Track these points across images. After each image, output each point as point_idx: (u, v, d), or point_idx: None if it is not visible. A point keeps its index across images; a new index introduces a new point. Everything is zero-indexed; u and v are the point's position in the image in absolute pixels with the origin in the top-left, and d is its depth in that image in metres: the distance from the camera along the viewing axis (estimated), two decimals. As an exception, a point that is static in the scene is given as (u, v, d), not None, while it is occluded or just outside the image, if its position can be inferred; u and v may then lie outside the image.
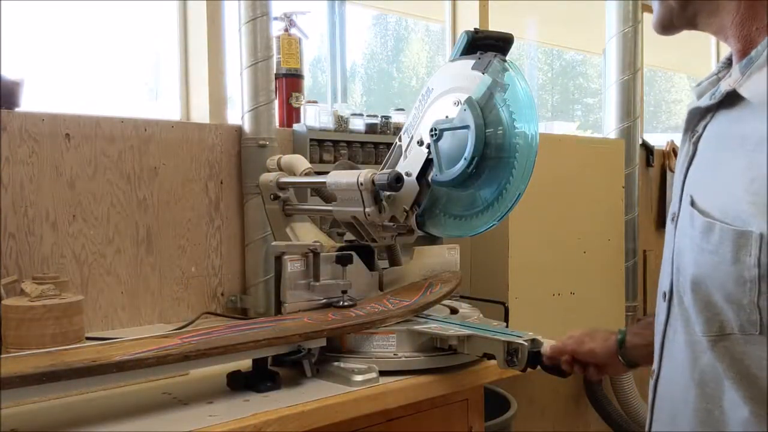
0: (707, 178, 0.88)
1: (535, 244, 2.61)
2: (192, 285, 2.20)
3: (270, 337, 1.42)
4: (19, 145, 1.86)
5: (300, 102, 2.47)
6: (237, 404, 1.36)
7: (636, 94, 3.52)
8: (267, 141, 2.25)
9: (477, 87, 1.59)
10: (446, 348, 1.56)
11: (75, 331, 1.60)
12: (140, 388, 1.41)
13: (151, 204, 2.11)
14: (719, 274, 0.82)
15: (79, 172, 1.97)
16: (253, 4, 2.21)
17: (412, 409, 1.55)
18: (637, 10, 3.42)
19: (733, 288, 0.81)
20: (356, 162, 2.37)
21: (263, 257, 2.25)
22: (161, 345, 1.35)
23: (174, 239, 2.16)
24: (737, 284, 0.80)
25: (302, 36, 2.51)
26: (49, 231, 1.92)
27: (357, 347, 1.56)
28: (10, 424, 1.22)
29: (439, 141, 1.64)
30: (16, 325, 1.55)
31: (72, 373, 1.20)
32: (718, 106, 0.88)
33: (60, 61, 2.26)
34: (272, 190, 1.90)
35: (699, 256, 0.84)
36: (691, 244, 0.86)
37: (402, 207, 1.70)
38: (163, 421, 1.27)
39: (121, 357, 1.26)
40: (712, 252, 0.82)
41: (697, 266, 0.85)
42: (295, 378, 1.50)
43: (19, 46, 2.09)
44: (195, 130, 2.22)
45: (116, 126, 2.05)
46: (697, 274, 0.85)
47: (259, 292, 2.26)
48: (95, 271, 2.00)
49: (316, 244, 1.65)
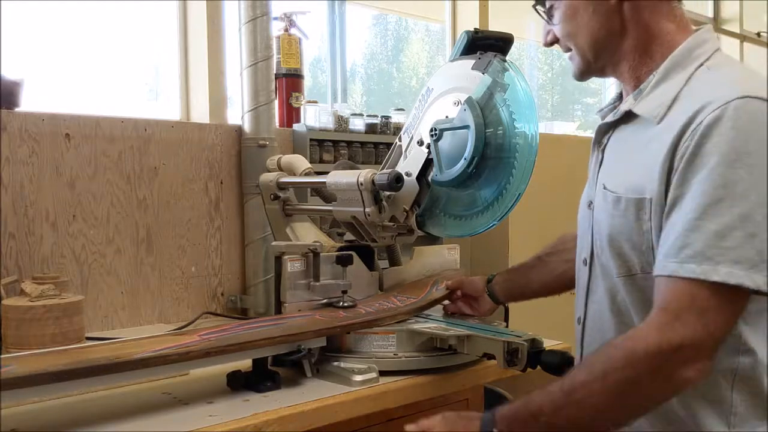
0: (613, 171, 1.22)
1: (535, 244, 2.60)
2: (192, 285, 2.20)
3: (286, 334, 1.43)
4: (19, 145, 1.86)
5: (300, 102, 2.47)
6: (237, 404, 1.36)
7: (636, 94, 3.51)
8: (267, 141, 2.25)
9: (477, 87, 1.59)
10: (446, 348, 1.55)
11: (75, 331, 1.60)
12: (140, 388, 1.41)
13: (151, 204, 2.11)
14: (627, 230, 1.14)
15: (79, 172, 1.97)
16: (253, 4, 2.21)
17: (412, 409, 1.55)
18: (637, 10, 3.41)
19: (636, 238, 1.13)
20: (356, 162, 2.37)
21: (263, 257, 2.25)
22: (181, 342, 1.36)
23: (174, 239, 2.16)
24: (638, 235, 1.12)
25: (302, 36, 2.51)
26: (49, 231, 1.92)
27: (357, 347, 1.56)
28: (10, 424, 1.22)
29: (439, 141, 1.64)
30: (16, 325, 1.55)
31: (97, 369, 1.21)
32: (618, 123, 1.23)
33: (60, 61, 2.26)
34: (272, 190, 1.89)
35: (612, 221, 1.17)
36: (606, 214, 1.19)
37: (402, 207, 1.70)
38: (163, 421, 1.27)
39: (144, 354, 1.27)
40: (621, 216, 1.15)
41: (611, 227, 1.17)
42: (295, 378, 1.50)
43: (19, 46, 2.09)
44: (195, 130, 2.22)
45: (116, 126, 2.04)
46: (611, 232, 1.17)
47: (259, 292, 2.26)
48: (95, 271, 2.00)
49: (316, 244, 1.65)
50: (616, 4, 1.17)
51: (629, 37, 1.18)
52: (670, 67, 1.14)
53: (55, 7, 2.21)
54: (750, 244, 0.97)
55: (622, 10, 1.17)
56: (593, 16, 1.19)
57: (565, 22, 1.22)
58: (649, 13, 1.17)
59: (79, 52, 2.30)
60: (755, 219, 0.98)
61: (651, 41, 1.17)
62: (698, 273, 0.98)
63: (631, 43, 1.18)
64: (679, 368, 0.99)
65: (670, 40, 1.16)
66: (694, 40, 1.15)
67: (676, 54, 1.14)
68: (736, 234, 0.98)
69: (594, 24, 1.19)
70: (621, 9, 1.17)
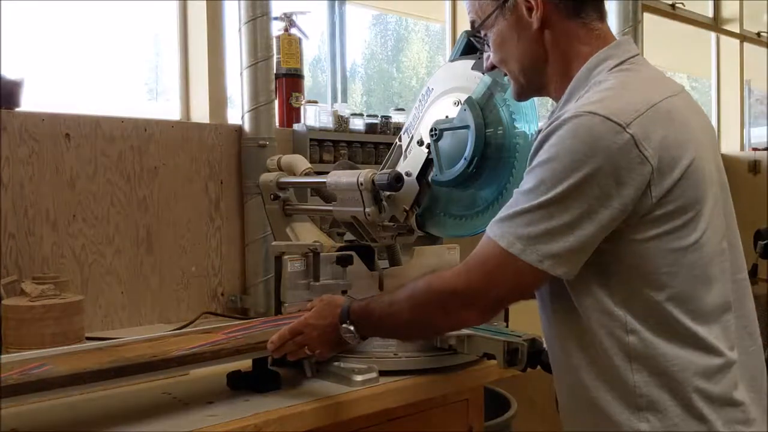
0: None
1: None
2: (192, 285, 2.20)
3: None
4: (19, 145, 1.86)
5: (300, 102, 2.47)
6: (237, 404, 1.36)
7: (636, 94, 3.51)
8: (267, 141, 2.25)
9: (477, 87, 1.59)
10: (446, 348, 1.55)
11: (75, 331, 1.60)
12: (140, 388, 1.41)
13: (151, 204, 2.11)
14: None
15: (79, 172, 1.97)
16: (253, 4, 2.21)
17: (412, 409, 1.55)
18: (637, 10, 3.42)
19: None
20: (356, 162, 2.37)
21: (263, 257, 2.25)
22: (209, 340, 1.38)
23: (174, 239, 2.16)
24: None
25: (302, 36, 2.51)
26: (49, 231, 1.92)
27: (357, 347, 1.56)
28: (10, 424, 1.22)
29: (439, 141, 1.64)
30: (16, 325, 1.55)
31: (137, 368, 1.24)
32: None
33: (60, 61, 2.26)
34: (272, 190, 1.89)
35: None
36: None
37: (402, 207, 1.70)
38: (163, 421, 1.27)
39: (180, 352, 1.30)
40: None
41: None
42: (295, 378, 1.50)
43: (19, 46, 2.09)
44: (195, 130, 2.22)
45: (116, 126, 2.04)
46: None
47: (259, 292, 2.26)
48: (95, 271, 2.00)
49: (316, 244, 1.65)
50: (537, 33, 1.23)
51: (551, 62, 1.24)
52: (572, 89, 1.21)
53: (54, 7, 2.21)
54: (535, 225, 1.09)
55: (543, 38, 1.23)
56: (519, 44, 1.25)
57: (496, 50, 1.29)
58: (566, 39, 1.22)
59: (79, 52, 2.30)
60: (551, 211, 1.08)
61: (568, 65, 1.23)
62: (493, 235, 1.13)
63: (554, 67, 1.25)
64: (458, 309, 1.18)
65: (584, 61, 1.22)
66: (595, 59, 1.20)
67: (578, 75, 1.21)
68: (533, 216, 1.09)
69: (520, 51, 1.26)
70: (542, 37, 1.23)
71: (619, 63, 1.20)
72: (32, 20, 2.16)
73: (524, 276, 1.11)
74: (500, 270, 1.13)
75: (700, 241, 1.11)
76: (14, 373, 1.15)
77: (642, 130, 1.07)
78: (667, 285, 1.10)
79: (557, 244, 1.08)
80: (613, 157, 1.06)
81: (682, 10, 4.12)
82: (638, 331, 1.11)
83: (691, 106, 1.23)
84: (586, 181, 1.06)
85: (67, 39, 2.28)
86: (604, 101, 1.10)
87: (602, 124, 1.06)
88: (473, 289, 1.16)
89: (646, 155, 1.06)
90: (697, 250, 1.11)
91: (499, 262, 1.12)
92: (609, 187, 1.06)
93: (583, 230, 1.08)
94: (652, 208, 1.08)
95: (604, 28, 1.24)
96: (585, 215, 1.07)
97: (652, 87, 1.17)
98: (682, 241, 1.10)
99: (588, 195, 1.07)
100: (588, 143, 1.06)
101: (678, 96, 1.18)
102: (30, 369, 1.18)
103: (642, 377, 1.11)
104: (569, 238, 1.08)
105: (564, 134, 1.08)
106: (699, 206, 1.11)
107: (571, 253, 1.09)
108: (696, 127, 1.17)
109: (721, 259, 1.16)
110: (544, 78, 1.27)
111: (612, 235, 1.10)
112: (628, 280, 1.11)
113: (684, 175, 1.09)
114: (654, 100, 1.11)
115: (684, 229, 1.10)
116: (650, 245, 1.10)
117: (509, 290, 1.16)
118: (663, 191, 1.08)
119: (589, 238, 1.08)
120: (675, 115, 1.13)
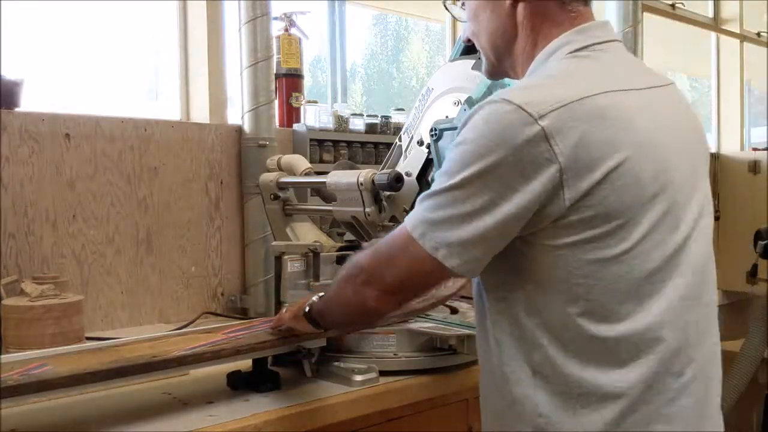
0: None
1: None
2: (192, 285, 2.20)
3: (292, 334, 1.44)
4: (19, 145, 1.86)
5: (300, 102, 2.47)
6: (237, 404, 1.36)
7: (636, 94, 3.51)
8: (267, 141, 2.25)
9: (477, 87, 1.59)
10: (446, 348, 1.55)
11: (75, 331, 1.60)
12: (140, 388, 1.41)
13: (151, 204, 2.11)
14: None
15: (79, 172, 1.97)
16: (253, 4, 2.21)
17: (412, 409, 1.55)
18: (637, 10, 3.41)
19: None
20: (356, 162, 2.37)
21: (263, 257, 2.25)
22: (209, 340, 1.38)
23: (174, 239, 2.16)
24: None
25: (302, 36, 2.51)
26: (49, 231, 1.91)
27: (357, 347, 1.56)
28: (10, 424, 1.22)
29: (439, 141, 1.64)
30: (16, 325, 1.55)
31: (137, 368, 1.24)
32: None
33: (60, 61, 2.26)
34: (272, 190, 1.89)
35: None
36: None
37: (402, 207, 1.70)
38: (163, 421, 1.27)
39: (180, 352, 1.30)
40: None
41: None
42: (295, 378, 1.50)
43: (19, 46, 2.09)
44: (195, 130, 2.22)
45: (116, 126, 2.04)
46: None
47: (259, 292, 2.26)
48: (95, 271, 2.00)
49: (316, 244, 1.65)
50: (510, 8, 1.16)
51: (519, 40, 1.17)
52: (529, 73, 1.15)
53: (54, 7, 2.21)
54: (439, 211, 1.03)
55: (515, 14, 1.16)
56: (491, 18, 1.19)
57: (470, 21, 1.23)
58: (539, 18, 1.15)
59: (79, 52, 2.30)
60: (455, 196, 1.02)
61: (534, 46, 1.16)
62: (405, 220, 1.08)
63: (521, 46, 1.18)
64: (362, 285, 1.12)
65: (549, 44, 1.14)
66: (556, 43, 1.13)
67: (538, 58, 1.14)
68: (438, 200, 1.03)
69: (491, 26, 1.19)
70: (515, 12, 1.16)
71: (578, 49, 1.11)
72: (32, 20, 2.15)
73: (421, 263, 1.04)
74: (401, 252, 1.07)
75: (631, 252, 1.00)
76: (14, 374, 1.15)
77: (556, 124, 0.98)
78: (582, 298, 1.01)
79: (454, 232, 1.01)
80: (518, 149, 0.98)
81: (682, 10, 4.12)
82: (545, 346, 1.03)
83: (667, 103, 1.14)
84: (489, 171, 0.99)
85: (67, 39, 2.28)
86: (528, 89, 1.04)
87: (514, 113, 0.99)
88: (374, 267, 1.11)
89: (555, 151, 0.97)
90: (623, 263, 1.00)
91: (401, 244, 1.06)
92: (512, 180, 0.99)
93: (482, 221, 1.00)
94: (566, 213, 0.99)
95: (584, 11, 1.15)
96: (485, 206, 1.00)
97: (601, 78, 1.07)
98: (603, 251, 1.00)
99: (489, 185, 0.99)
100: (496, 131, 0.99)
101: (640, 92, 1.08)
102: (30, 369, 1.18)
103: (544, 396, 1.04)
104: (466, 228, 1.00)
105: (478, 119, 1.02)
106: (630, 214, 1.00)
107: (465, 246, 1.01)
108: (648, 128, 1.05)
109: (664, 276, 1.03)
110: (513, 57, 1.20)
111: (527, 238, 1.03)
112: (543, 289, 1.03)
113: (607, 178, 0.99)
114: (587, 93, 1.01)
115: (608, 239, 1.00)
116: (564, 252, 1.01)
117: (407, 275, 1.08)
118: (578, 194, 0.98)
119: (487, 231, 1.00)
120: (611, 111, 1.01)
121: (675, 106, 1.16)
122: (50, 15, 2.20)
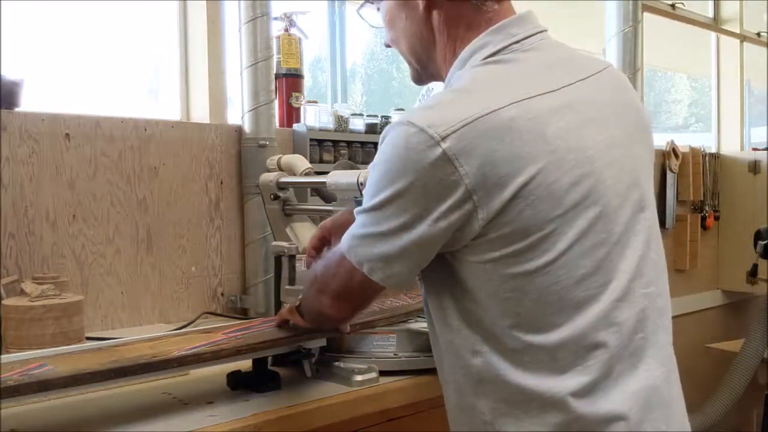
0: None
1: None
2: (192, 285, 2.20)
3: (291, 334, 1.44)
4: (19, 145, 1.86)
5: (300, 102, 2.47)
6: (237, 404, 1.36)
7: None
8: (267, 141, 2.24)
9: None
10: (446, 348, 1.55)
11: (75, 331, 1.60)
12: (140, 388, 1.41)
13: (151, 204, 2.11)
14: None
15: (79, 172, 1.97)
16: (253, 4, 2.21)
17: (412, 409, 1.55)
18: (637, 10, 3.41)
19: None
20: (356, 162, 2.37)
21: (263, 257, 2.25)
22: (209, 340, 1.38)
23: (174, 239, 2.16)
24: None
25: (302, 36, 2.51)
26: (49, 231, 1.91)
27: (357, 347, 1.56)
28: (10, 424, 1.22)
29: (439, 141, 1.64)
30: (16, 325, 1.55)
31: (138, 368, 1.23)
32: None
33: (60, 61, 2.26)
34: (272, 190, 1.89)
35: None
36: None
37: (402, 207, 1.70)
38: (163, 421, 1.27)
39: (180, 352, 1.29)
40: None
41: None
42: (295, 378, 1.50)
43: (19, 46, 2.08)
44: (195, 130, 2.22)
45: (116, 126, 2.04)
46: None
47: (259, 292, 2.26)
48: (95, 271, 2.00)
49: (316, 244, 1.64)
50: (425, 13, 1.13)
51: (439, 47, 1.15)
52: (448, 80, 1.14)
53: (55, 7, 2.21)
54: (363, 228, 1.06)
55: (431, 19, 1.13)
56: (407, 24, 1.16)
57: (386, 28, 1.21)
58: (453, 22, 1.12)
59: (79, 52, 2.30)
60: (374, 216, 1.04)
61: (453, 51, 1.12)
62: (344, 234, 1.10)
63: (441, 52, 1.15)
64: (316, 292, 1.20)
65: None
66: (471, 47, 1.10)
67: (455, 64, 1.12)
68: (362, 218, 1.06)
69: (409, 33, 1.17)
70: (430, 18, 1.13)
71: (494, 53, 1.07)
72: (32, 20, 2.15)
73: (353, 275, 1.07)
74: (337, 264, 1.11)
75: (557, 263, 0.99)
76: (14, 374, 1.15)
77: (459, 145, 0.95)
78: (513, 310, 1.00)
79: (376, 248, 1.03)
80: (424, 173, 0.97)
81: (682, 10, 4.12)
82: (484, 353, 1.03)
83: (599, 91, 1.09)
84: (401, 195, 0.99)
85: (67, 39, 2.27)
86: (432, 109, 1.01)
87: (416, 136, 0.97)
88: (322, 276, 1.17)
89: (461, 173, 0.96)
90: (549, 274, 0.99)
91: (338, 258, 1.10)
92: (425, 202, 0.98)
93: (400, 239, 1.01)
94: (483, 231, 0.98)
95: (500, 9, 1.11)
96: (403, 226, 1.00)
97: (514, 86, 1.02)
98: (526, 265, 0.99)
99: (404, 207, 0.99)
100: (402, 156, 0.98)
101: (558, 92, 1.03)
102: (30, 369, 1.18)
103: (487, 403, 1.04)
104: (386, 245, 1.02)
105: (388, 142, 1.01)
106: (552, 226, 0.98)
107: (387, 261, 1.03)
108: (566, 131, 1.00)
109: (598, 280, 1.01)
110: (435, 63, 1.17)
111: (455, 254, 1.03)
112: (476, 302, 1.03)
113: (519, 194, 0.96)
114: (494, 106, 0.97)
115: (528, 253, 0.98)
116: (489, 268, 1.00)
117: (346, 286, 1.11)
118: (492, 213, 0.97)
119: (406, 248, 1.01)
120: (519, 123, 0.97)
121: (610, 93, 1.11)
122: (50, 15, 2.20)
